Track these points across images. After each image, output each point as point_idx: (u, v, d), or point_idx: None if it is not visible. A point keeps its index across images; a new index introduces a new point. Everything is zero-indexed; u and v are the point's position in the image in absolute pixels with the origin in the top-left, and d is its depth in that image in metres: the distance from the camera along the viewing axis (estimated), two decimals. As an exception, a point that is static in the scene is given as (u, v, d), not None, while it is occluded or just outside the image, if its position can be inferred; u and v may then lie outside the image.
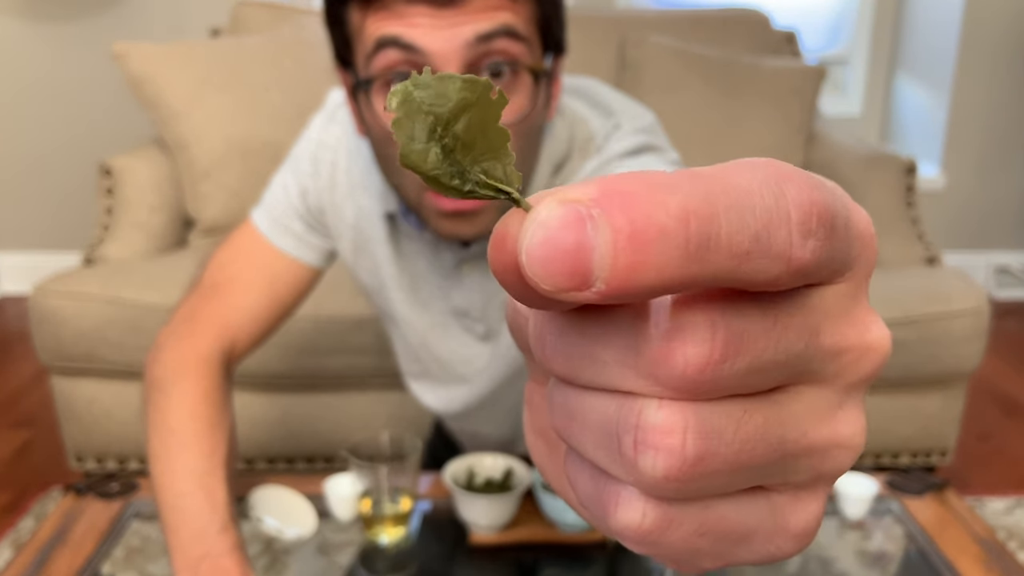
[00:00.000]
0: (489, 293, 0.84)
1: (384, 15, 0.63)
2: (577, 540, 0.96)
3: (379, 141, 0.71)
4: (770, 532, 0.19)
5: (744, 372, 0.17)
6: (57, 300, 1.55)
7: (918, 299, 1.59)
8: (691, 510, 0.19)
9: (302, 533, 0.97)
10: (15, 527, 1.68)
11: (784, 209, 0.16)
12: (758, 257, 0.16)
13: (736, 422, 0.18)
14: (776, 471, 0.19)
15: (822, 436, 0.19)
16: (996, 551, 0.94)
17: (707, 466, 0.17)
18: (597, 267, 0.16)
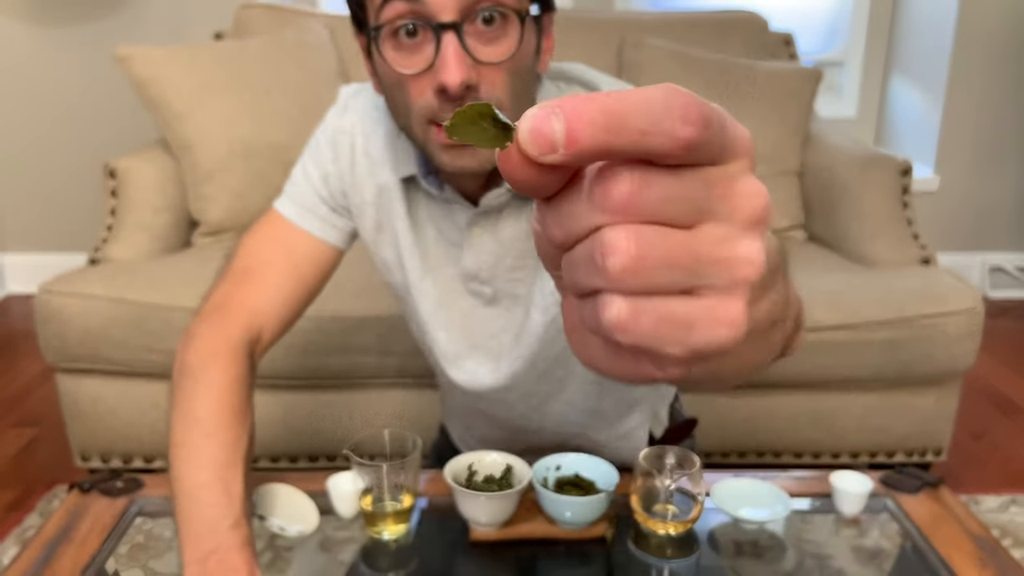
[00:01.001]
0: (497, 255, 0.88)
1: None
2: (576, 536, 0.97)
3: (391, 86, 0.76)
4: (708, 322, 0.28)
5: (658, 201, 0.27)
6: (62, 300, 1.56)
7: (913, 299, 1.61)
8: (649, 304, 0.28)
9: (304, 530, 0.98)
10: (21, 524, 1.69)
11: (670, 107, 0.26)
12: (654, 135, 0.26)
13: (663, 236, 0.27)
14: (698, 275, 0.28)
15: (727, 253, 0.28)
16: (990, 548, 0.95)
17: (647, 262, 0.27)
18: (557, 138, 0.27)
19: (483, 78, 0.72)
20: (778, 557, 0.98)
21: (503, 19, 0.71)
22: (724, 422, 1.68)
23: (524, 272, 0.89)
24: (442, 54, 0.69)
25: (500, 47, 0.72)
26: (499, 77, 0.72)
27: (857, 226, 1.85)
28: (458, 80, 0.69)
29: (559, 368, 0.94)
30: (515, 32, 0.72)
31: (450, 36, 0.69)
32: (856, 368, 1.62)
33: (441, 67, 0.69)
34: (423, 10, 0.69)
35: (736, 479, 1.04)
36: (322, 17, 2.21)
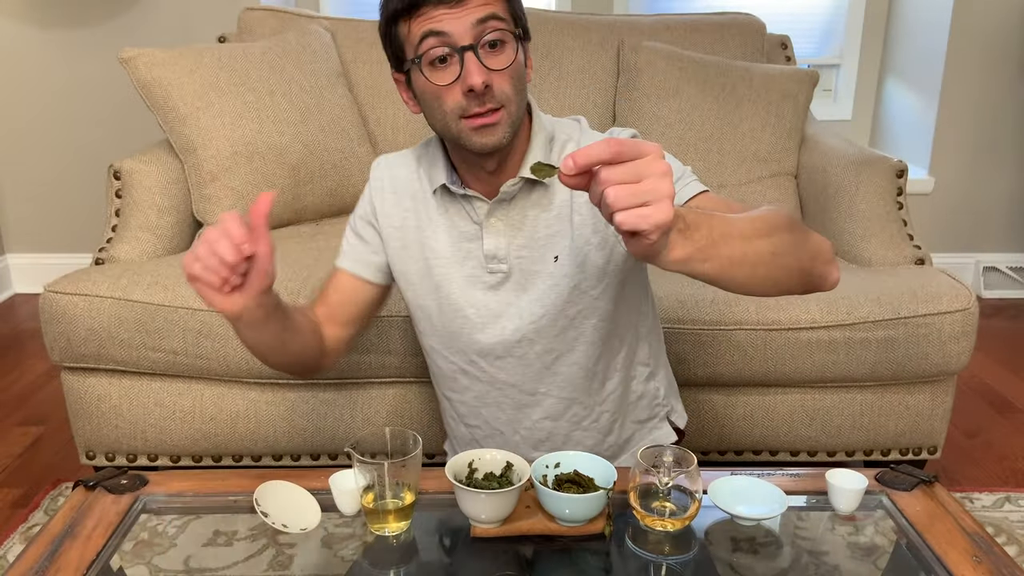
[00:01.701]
0: (509, 237, 1.12)
1: (422, 19, 0.99)
2: (575, 533, 0.98)
3: (430, 98, 1.03)
4: (657, 209, 0.71)
5: (619, 175, 0.71)
6: (67, 299, 1.57)
7: (908, 299, 1.62)
8: (633, 211, 0.71)
9: (307, 527, 0.99)
10: (26, 521, 1.70)
11: (608, 144, 0.72)
12: (603, 157, 0.72)
13: (627, 187, 0.71)
14: (646, 195, 0.71)
15: (654, 185, 0.71)
16: (985, 545, 0.96)
17: (622, 195, 0.71)
18: (571, 166, 0.72)
19: (494, 80, 1.00)
20: (774, 554, 0.99)
21: (502, 41, 1.00)
22: (721, 420, 1.69)
23: (530, 250, 1.12)
24: (466, 67, 0.98)
25: (502, 59, 1.01)
26: (504, 79, 1.01)
27: (852, 227, 1.86)
28: (480, 81, 0.98)
29: (572, 329, 1.15)
30: (511, 49, 1.02)
31: (470, 54, 0.98)
32: (851, 367, 1.63)
33: (467, 75, 0.98)
34: (449, 40, 0.98)
35: (733, 477, 1.05)
36: (324, 20, 2.22)
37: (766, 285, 0.89)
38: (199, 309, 1.57)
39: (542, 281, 1.13)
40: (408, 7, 0.99)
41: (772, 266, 0.87)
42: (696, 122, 2.03)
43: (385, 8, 1.04)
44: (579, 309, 1.14)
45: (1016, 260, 3.09)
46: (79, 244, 2.96)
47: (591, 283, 1.13)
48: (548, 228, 1.11)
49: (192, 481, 1.12)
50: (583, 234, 1.11)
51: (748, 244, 0.84)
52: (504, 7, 1.01)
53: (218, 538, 1.01)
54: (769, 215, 0.89)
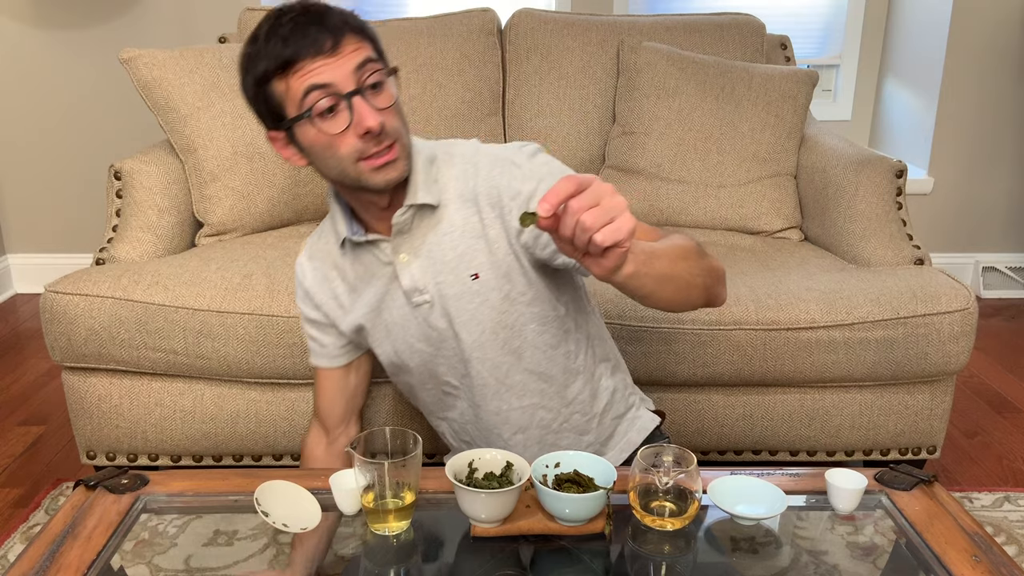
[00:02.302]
0: (422, 268, 1.14)
1: (300, 74, 1.00)
2: (575, 533, 0.98)
3: (323, 149, 1.04)
4: (620, 225, 0.80)
5: (587, 202, 0.80)
6: (68, 299, 1.58)
7: (907, 299, 1.62)
8: (604, 230, 0.80)
9: (307, 526, 0.99)
10: (27, 521, 1.70)
11: (568, 181, 0.80)
12: (564, 195, 0.80)
13: (593, 212, 0.80)
14: (609, 213, 0.80)
15: (611, 204, 0.80)
16: (984, 544, 0.96)
17: (590, 218, 0.80)
18: (546, 208, 0.80)
19: (384, 119, 1.02)
20: (774, 553, 0.99)
21: (382, 82, 1.04)
22: (721, 420, 1.69)
23: (445, 274, 1.14)
24: (358, 111, 1.01)
25: (385, 97, 1.04)
26: (392, 116, 1.04)
27: (852, 227, 1.86)
28: (376, 123, 1.01)
29: (515, 338, 1.17)
30: (390, 88, 1.05)
31: (358, 99, 1.01)
32: (851, 367, 1.63)
33: (362, 119, 1.01)
34: (333, 89, 1.00)
35: (732, 476, 1.06)
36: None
37: (680, 301, 1.02)
38: (199, 309, 1.57)
39: (468, 301, 1.15)
40: (283, 64, 1.00)
41: (689, 284, 1.01)
42: (696, 122, 2.03)
43: (252, 69, 1.03)
44: (515, 318, 1.16)
45: (1015, 260, 3.10)
46: (80, 244, 2.96)
47: (520, 290, 1.15)
48: (455, 249, 1.13)
49: (193, 481, 1.12)
50: (502, 246, 1.13)
51: (673, 264, 0.98)
52: (372, 49, 1.04)
53: (219, 538, 1.01)
54: (684, 242, 1.04)
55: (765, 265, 1.80)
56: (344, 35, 1.01)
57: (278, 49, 1.00)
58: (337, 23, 1.01)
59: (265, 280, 1.62)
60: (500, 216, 1.11)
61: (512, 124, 2.19)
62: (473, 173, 1.13)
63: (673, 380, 1.64)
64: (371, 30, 1.06)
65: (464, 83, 2.15)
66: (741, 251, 1.90)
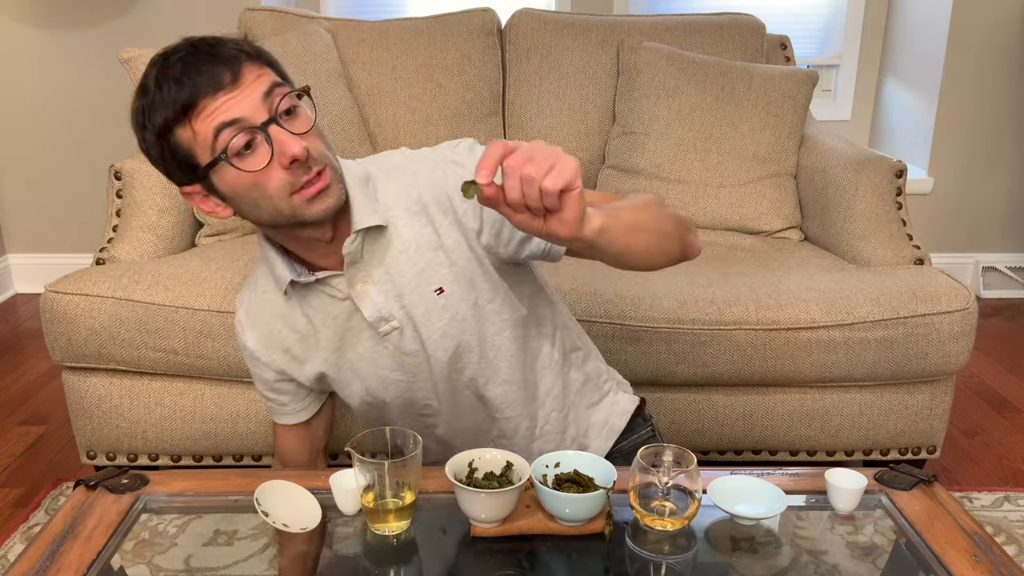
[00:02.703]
0: (384, 293, 1.07)
1: (205, 115, 0.92)
2: (575, 533, 0.98)
3: (248, 190, 0.96)
4: (564, 168, 0.77)
5: (522, 158, 0.77)
6: (68, 299, 1.58)
7: (907, 299, 1.63)
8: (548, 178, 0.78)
9: (307, 526, 0.99)
10: (27, 521, 1.70)
11: (502, 145, 0.79)
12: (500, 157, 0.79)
13: (527, 165, 0.77)
14: (543, 159, 0.77)
15: (546, 153, 0.78)
16: (984, 544, 0.96)
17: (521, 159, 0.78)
18: (491, 168, 0.78)
19: (308, 143, 0.94)
20: (774, 553, 0.99)
21: (295, 106, 0.96)
22: (721, 420, 1.69)
23: (408, 295, 1.07)
24: (277, 139, 0.93)
25: (303, 121, 0.96)
26: (314, 140, 0.96)
27: (852, 227, 1.86)
28: (300, 148, 0.92)
29: (490, 348, 1.13)
30: (306, 110, 0.98)
31: (274, 127, 0.93)
32: (851, 367, 1.63)
33: (285, 148, 0.92)
34: (245, 124, 0.92)
35: (732, 476, 1.06)
36: (324, 21, 2.22)
37: (658, 252, 0.98)
38: (199, 309, 1.57)
39: (437, 317, 1.09)
40: (183, 109, 0.92)
41: (660, 232, 0.98)
42: (696, 122, 2.03)
43: (150, 121, 0.95)
44: (486, 326, 1.11)
45: (1015, 260, 3.10)
46: (80, 244, 2.96)
47: (487, 297, 1.10)
48: (414, 266, 1.06)
49: (193, 481, 1.12)
50: (462, 253, 1.07)
51: (637, 215, 0.95)
52: (275, 73, 0.97)
53: (219, 538, 1.01)
54: (642, 196, 1.02)
55: (765, 265, 1.80)
56: (241, 64, 0.93)
57: (173, 93, 0.92)
58: (231, 53, 0.94)
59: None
60: (455, 220, 1.05)
61: (512, 124, 2.19)
62: (413, 183, 1.06)
63: (673, 380, 1.64)
64: (268, 54, 0.99)
65: (464, 83, 2.15)
66: (741, 251, 1.90)
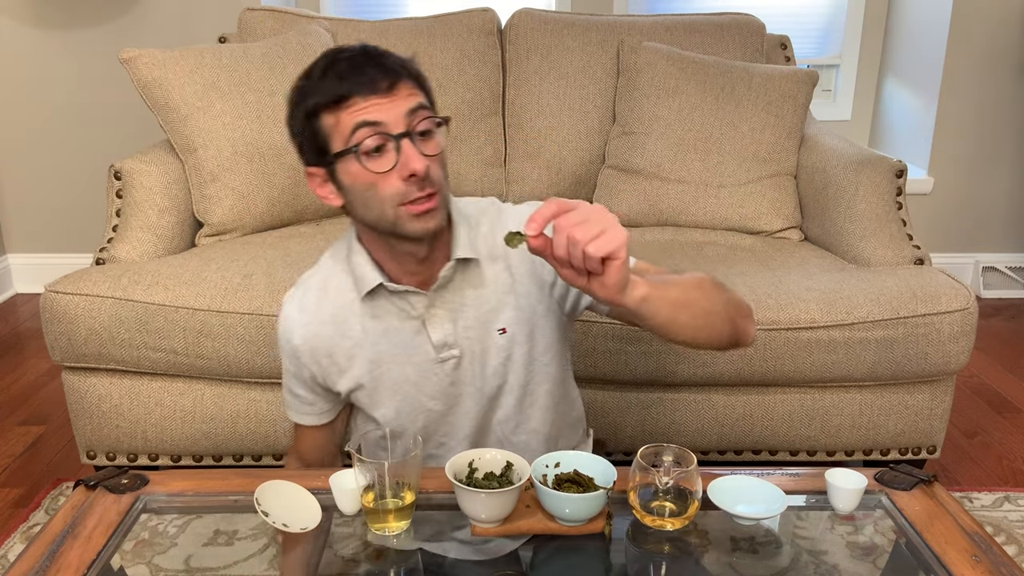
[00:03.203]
0: (453, 322, 1.13)
1: (352, 110, 1.00)
2: (575, 532, 0.98)
3: (364, 188, 1.02)
4: (614, 234, 0.85)
5: (574, 219, 0.85)
6: (68, 299, 1.58)
7: (907, 299, 1.63)
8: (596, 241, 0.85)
9: (307, 526, 0.99)
10: (27, 521, 1.70)
11: (557, 203, 0.87)
12: (550, 216, 0.87)
13: (576, 227, 0.85)
14: (594, 225, 0.85)
15: (600, 217, 0.86)
16: (984, 544, 0.96)
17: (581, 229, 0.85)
18: (532, 227, 0.86)
19: (430, 165, 1.01)
20: (774, 553, 1.00)
21: (431, 130, 1.03)
22: (721, 420, 1.69)
23: (475, 330, 1.13)
24: (406, 153, 1.00)
25: (433, 145, 1.03)
26: (436, 165, 1.03)
27: (852, 227, 1.86)
28: (422, 166, 0.99)
29: (527, 396, 1.18)
30: (439, 136, 1.05)
31: (406, 141, 1.00)
32: (851, 367, 1.63)
33: (408, 161, 0.99)
34: (383, 129, 1.00)
35: (732, 476, 1.06)
36: (324, 21, 2.22)
37: (704, 332, 1.03)
38: (199, 309, 1.57)
39: (494, 356, 1.14)
40: (336, 99, 1.00)
41: (708, 312, 1.02)
42: (696, 122, 2.03)
43: (302, 101, 1.03)
44: (532, 377, 1.17)
45: (1015, 260, 3.10)
46: (80, 244, 2.96)
47: (541, 350, 1.16)
48: (487, 303, 1.13)
49: (192, 481, 1.12)
50: (529, 303, 1.13)
51: (688, 292, 1.00)
52: (425, 98, 1.04)
53: (218, 538, 1.01)
54: (696, 274, 1.06)
55: (765, 265, 1.80)
56: (401, 79, 1.01)
57: (333, 85, 1.00)
58: (395, 66, 1.01)
59: (265, 280, 1.62)
60: (532, 271, 1.12)
61: (512, 124, 2.19)
62: (501, 230, 1.11)
63: (673, 380, 1.64)
64: (427, 80, 1.06)
65: (464, 83, 2.15)
66: (741, 251, 1.90)
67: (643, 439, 1.66)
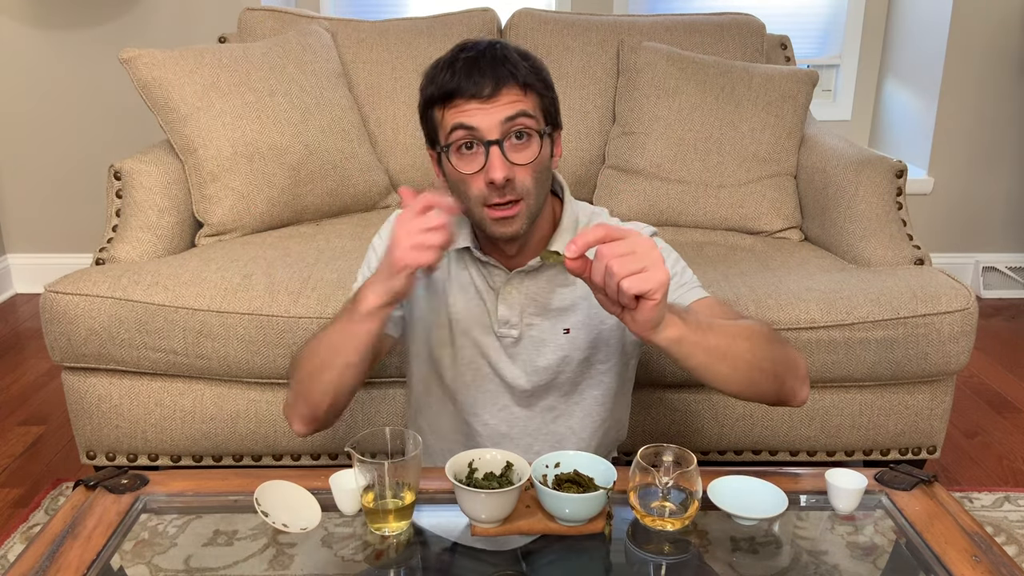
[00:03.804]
0: (522, 305, 1.17)
1: (454, 110, 1.05)
2: (575, 533, 0.98)
3: (456, 183, 1.09)
4: (654, 272, 0.86)
5: (618, 250, 0.86)
6: (68, 299, 1.58)
7: (907, 299, 1.62)
8: (636, 276, 0.86)
9: (307, 527, 0.99)
10: (27, 521, 1.70)
11: (595, 230, 0.88)
12: (595, 240, 0.88)
13: (617, 259, 0.86)
14: (636, 261, 0.86)
15: (646, 253, 0.87)
16: (984, 544, 0.96)
17: (622, 263, 0.86)
18: (572, 251, 0.89)
19: (516, 174, 1.05)
20: (774, 553, 1.00)
21: (528, 136, 1.06)
22: (721, 420, 1.69)
23: (541, 320, 1.18)
24: (490, 160, 1.04)
25: (526, 154, 1.06)
26: (526, 173, 1.06)
27: (852, 227, 1.86)
28: (501, 176, 1.03)
29: (575, 393, 1.22)
30: (536, 145, 1.07)
31: (494, 148, 1.04)
32: (851, 367, 1.63)
33: (490, 169, 1.04)
34: (477, 134, 1.05)
35: (733, 477, 1.06)
36: (324, 20, 2.22)
37: (743, 384, 1.02)
38: (199, 309, 1.57)
39: (551, 352, 1.18)
40: (443, 97, 1.06)
41: (750, 367, 1.00)
42: (696, 122, 2.03)
43: (424, 90, 1.09)
44: (584, 380, 1.21)
45: (1015, 260, 3.10)
46: (79, 244, 2.96)
47: (601, 358, 1.20)
48: (562, 301, 1.17)
49: (192, 481, 1.12)
50: (600, 314, 1.16)
51: (732, 341, 0.99)
52: (535, 103, 1.07)
53: (218, 538, 1.01)
54: (753, 324, 1.05)
55: (765, 265, 1.80)
56: (506, 85, 1.04)
57: (446, 81, 1.05)
58: (504, 74, 1.04)
59: (265, 280, 1.62)
60: None
61: (512, 124, 2.18)
62: None
63: (673, 380, 1.64)
64: (541, 86, 1.08)
65: (464, 83, 2.15)
66: (741, 251, 1.90)
67: (643, 439, 1.66)
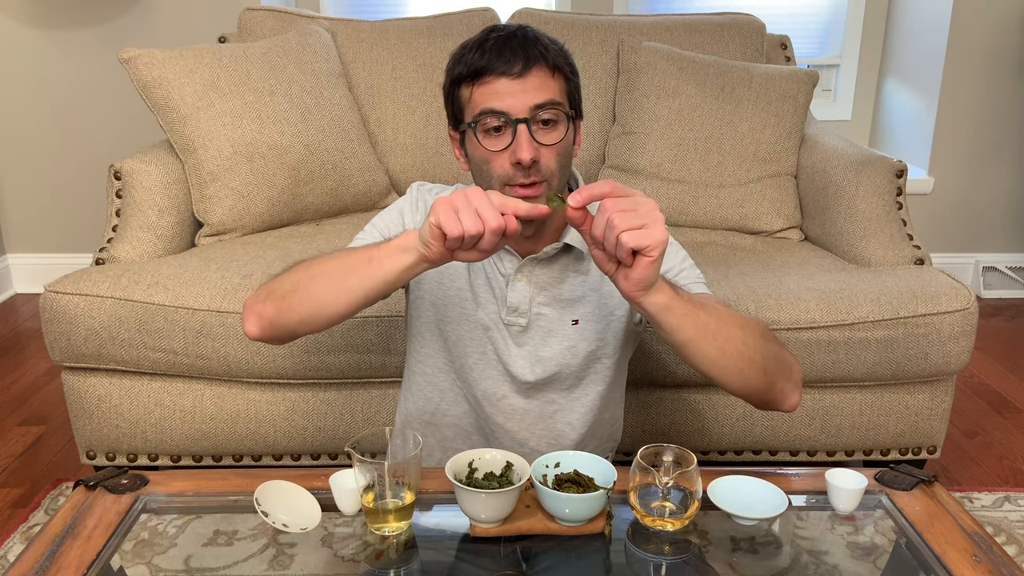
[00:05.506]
0: (531, 294, 1.17)
1: (483, 89, 1.06)
2: (575, 533, 0.98)
3: (479, 162, 1.09)
4: (654, 228, 0.87)
5: (620, 204, 0.87)
6: (68, 299, 1.58)
7: (908, 299, 1.62)
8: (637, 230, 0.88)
9: (307, 527, 0.99)
10: (27, 521, 1.70)
11: (603, 184, 0.89)
12: (601, 194, 0.90)
13: (619, 213, 0.87)
14: (637, 217, 0.87)
15: (647, 211, 0.88)
16: (984, 544, 0.96)
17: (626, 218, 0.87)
18: (578, 200, 0.90)
19: (542, 155, 1.05)
20: (774, 553, 1.00)
21: (555, 118, 1.07)
22: (721, 420, 1.69)
23: (550, 310, 1.17)
24: (517, 139, 1.04)
25: (553, 135, 1.07)
26: (551, 154, 1.07)
27: (852, 227, 1.86)
28: (528, 156, 1.03)
29: (578, 388, 1.21)
30: (563, 127, 1.08)
31: (522, 127, 1.04)
32: (851, 367, 1.63)
33: (517, 148, 1.04)
34: (507, 115, 1.05)
35: (733, 477, 1.06)
36: (324, 20, 2.22)
37: (731, 372, 1.01)
38: (199, 309, 1.57)
39: (558, 342, 1.18)
40: (472, 74, 1.06)
41: (740, 355, 1.00)
42: (696, 122, 2.03)
43: (451, 70, 1.10)
44: (589, 373, 1.21)
45: (1015, 260, 3.10)
46: (79, 244, 2.96)
47: (608, 352, 1.20)
48: (572, 292, 1.17)
49: (192, 481, 1.12)
50: (610, 304, 1.17)
51: (724, 325, 0.99)
52: (562, 87, 1.08)
53: (218, 538, 1.01)
54: (750, 318, 1.06)
55: (765, 265, 1.80)
56: (536, 64, 1.05)
57: (475, 59, 1.06)
58: (535, 53, 1.05)
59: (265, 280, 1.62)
60: None
61: (512, 124, 2.19)
62: None
63: (673, 380, 1.64)
64: (569, 71, 1.09)
65: (464, 83, 2.15)
66: (741, 251, 1.90)
67: (643, 439, 1.66)
